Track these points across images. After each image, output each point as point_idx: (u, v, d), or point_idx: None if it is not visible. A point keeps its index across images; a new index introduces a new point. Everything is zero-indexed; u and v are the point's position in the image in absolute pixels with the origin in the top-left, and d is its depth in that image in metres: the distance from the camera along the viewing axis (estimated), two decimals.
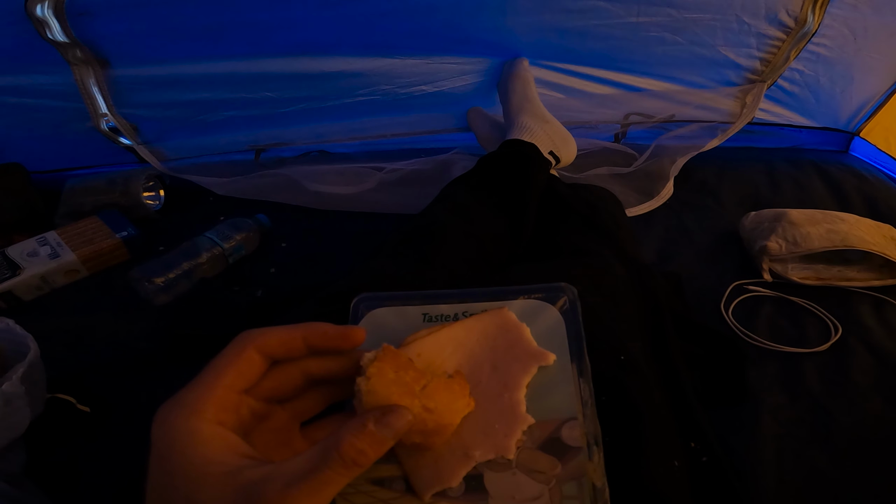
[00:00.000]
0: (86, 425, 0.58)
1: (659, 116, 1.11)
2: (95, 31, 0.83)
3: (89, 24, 0.81)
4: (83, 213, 0.89)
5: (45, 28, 0.79)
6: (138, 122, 0.99)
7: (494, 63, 1.00)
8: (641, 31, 0.96)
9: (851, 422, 0.59)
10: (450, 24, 0.90)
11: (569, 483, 0.29)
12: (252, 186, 1.01)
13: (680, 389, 0.48)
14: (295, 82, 0.96)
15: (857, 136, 1.18)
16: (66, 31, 0.81)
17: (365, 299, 0.37)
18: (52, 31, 0.80)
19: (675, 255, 0.86)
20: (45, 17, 0.78)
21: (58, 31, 0.80)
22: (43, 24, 0.78)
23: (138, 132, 1.00)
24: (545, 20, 0.92)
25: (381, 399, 0.26)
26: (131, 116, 0.97)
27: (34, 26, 0.78)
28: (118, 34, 0.85)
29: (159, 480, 0.23)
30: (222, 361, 0.26)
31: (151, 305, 0.75)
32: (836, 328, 0.70)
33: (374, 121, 1.06)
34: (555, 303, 0.36)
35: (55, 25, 0.79)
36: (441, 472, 0.29)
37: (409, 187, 1.01)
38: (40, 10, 0.77)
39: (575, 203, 0.74)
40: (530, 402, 0.32)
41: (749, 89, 1.08)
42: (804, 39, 0.98)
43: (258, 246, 0.88)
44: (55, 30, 0.80)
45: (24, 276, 0.75)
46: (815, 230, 0.78)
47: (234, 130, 1.04)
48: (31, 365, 0.51)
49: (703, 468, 0.43)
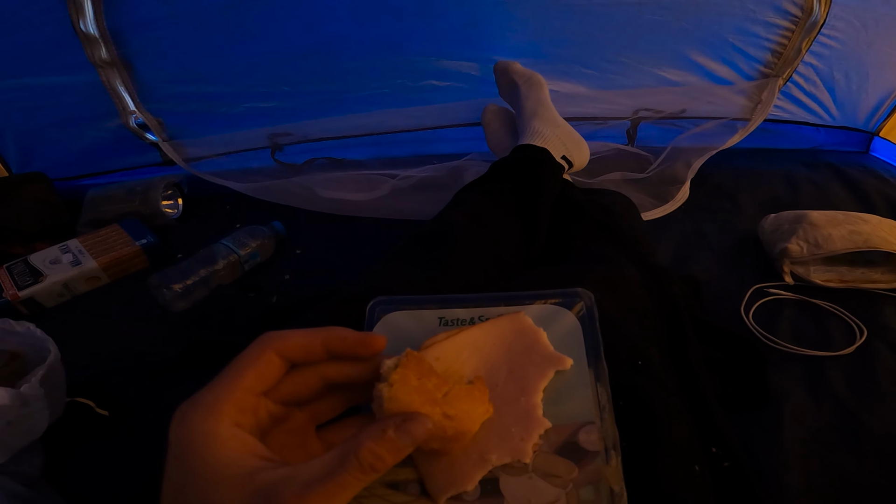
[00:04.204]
0: (104, 429, 0.58)
1: (669, 111, 1.10)
2: (123, 19, 0.86)
3: (120, 9, 0.85)
4: (104, 222, 0.91)
5: (79, 16, 0.82)
6: (163, 116, 1.03)
7: (501, 56, 1.00)
8: (646, 15, 0.96)
9: (880, 426, 0.57)
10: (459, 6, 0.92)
11: (586, 487, 0.29)
12: (269, 190, 1.03)
13: (699, 394, 0.47)
14: (310, 76, 1.00)
15: (876, 136, 1.15)
16: (97, 21, 0.84)
17: (380, 303, 0.37)
18: (85, 20, 0.83)
19: (693, 259, 0.85)
20: (82, 1, 0.82)
21: (90, 21, 0.83)
22: (78, 10, 0.82)
23: (164, 127, 1.04)
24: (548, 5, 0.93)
25: (402, 406, 0.26)
26: (156, 111, 1.02)
27: (69, 13, 0.81)
28: (143, 22, 0.88)
29: (176, 481, 0.24)
30: (242, 363, 0.26)
31: (170, 311, 0.76)
32: (860, 331, 0.69)
33: (386, 113, 1.08)
34: (571, 308, 0.36)
35: (89, 13, 0.83)
36: (456, 475, 0.29)
37: (423, 193, 1.01)
38: None
39: (589, 208, 0.74)
40: (547, 407, 0.31)
41: (763, 85, 1.07)
42: (814, 30, 0.97)
43: (273, 253, 0.89)
44: (88, 19, 0.83)
45: (46, 282, 0.76)
46: (837, 231, 0.76)
47: (252, 123, 1.07)
48: (50, 368, 0.52)
49: (726, 473, 0.42)
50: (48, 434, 0.52)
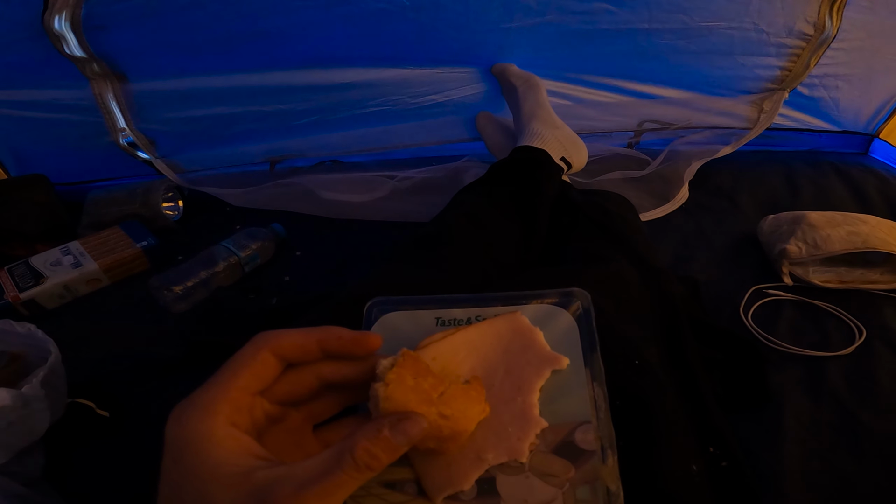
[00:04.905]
0: (105, 430, 0.58)
1: (675, 124, 1.10)
2: (111, 45, 0.85)
3: (105, 38, 0.83)
4: (105, 224, 0.91)
5: (62, 43, 0.81)
6: (155, 137, 1.01)
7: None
8: (654, 38, 0.95)
9: (879, 426, 0.57)
10: (455, 25, 0.91)
11: (582, 487, 0.29)
12: (267, 196, 1.02)
13: (697, 394, 0.47)
14: (307, 94, 0.98)
15: (876, 138, 1.15)
16: (82, 46, 0.83)
17: (378, 303, 0.37)
18: (69, 45, 0.82)
19: (693, 260, 0.85)
20: (63, 31, 0.80)
21: (75, 46, 0.82)
22: (60, 39, 0.80)
23: (156, 146, 1.02)
24: (549, 21, 0.92)
25: (398, 405, 0.26)
26: (148, 131, 1.00)
27: (51, 41, 0.80)
28: (133, 48, 0.87)
29: (172, 480, 0.24)
30: (238, 363, 0.26)
31: (170, 313, 0.76)
32: (860, 331, 0.69)
33: (385, 130, 1.07)
34: (568, 307, 0.36)
35: (72, 40, 0.81)
36: (453, 475, 0.29)
37: (422, 195, 1.01)
38: (58, 23, 0.78)
39: (588, 209, 0.74)
40: (544, 406, 0.32)
41: (767, 97, 1.07)
42: (823, 45, 0.97)
43: (273, 255, 0.89)
44: (72, 44, 0.82)
45: (47, 284, 0.76)
46: (836, 232, 0.76)
47: (248, 143, 1.05)
48: (51, 369, 0.52)
49: (723, 473, 0.42)
50: (49, 435, 0.52)
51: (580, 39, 0.95)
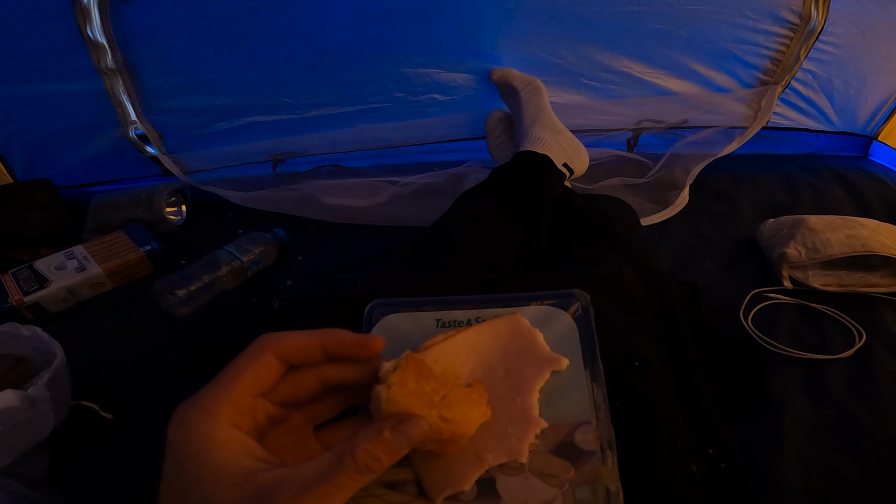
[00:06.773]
0: (108, 432, 0.59)
1: (671, 121, 1.10)
2: (131, 25, 0.88)
3: (126, 15, 0.86)
4: (109, 228, 0.92)
5: (86, 22, 0.84)
6: (163, 129, 1.03)
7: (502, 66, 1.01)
8: (645, 23, 0.97)
9: (879, 428, 0.57)
10: (455, 7, 0.93)
11: (582, 487, 0.29)
12: (269, 199, 1.03)
13: (696, 396, 0.48)
14: (312, 88, 1.00)
15: (875, 140, 1.16)
16: (105, 30, 0.86)
17: (379, 305, 0.38)
18: (92, 27, 0.84)
19: (693, 264, 0.85)
20: (89, 6, 0.83)
21: (97, 28, 0.85)
22: (85, 16, 0.83)
23: (163, 140, 1.04)
24: (544, 5, 0.94)
25: (399, 408, 0.26)
26: (157, 123, 1.02)
27: (76, 19, 0.83)
28: (150, 29, 0.90)
29: (174, 482, 0.24)
30: (240, 365, 0.26)
31: (173, 317, 0.76)
32: (859, 334, 0.69)
33: (387, 126, 1.08)
34: (567, 309, 0.37)
35: (96, 19, 0.84)
36: (453, 475, 0.29)
37: (423, 200, 1.02)
38: None
39: (588, 212, 0.74)
40: (543, 407, 0.32)
41: (762, 92, 1.07)
42: (812, 37, 0.98)
43: (276, 259, 0.89)
44: (96, 27, 0.85)
45: (51, 288, 0.77)
46: (835, 236, 0.76)
47: (252, 137, 1.07)
48: (56, 372, 0.52)
49: (723, 475, 0.42)
50: (52, 437, 0.53)
51: (574, 24, 0.97)
